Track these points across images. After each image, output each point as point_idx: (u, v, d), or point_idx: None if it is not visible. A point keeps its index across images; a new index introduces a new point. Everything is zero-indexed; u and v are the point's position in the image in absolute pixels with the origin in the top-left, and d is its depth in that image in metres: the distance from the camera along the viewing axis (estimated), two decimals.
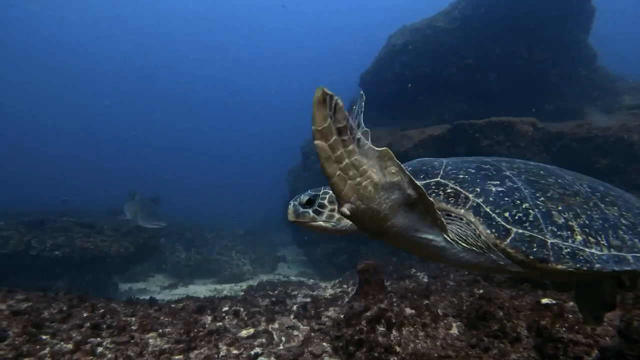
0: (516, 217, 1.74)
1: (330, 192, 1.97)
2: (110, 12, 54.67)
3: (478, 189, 1.85)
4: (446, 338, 3.91)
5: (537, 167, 2.06)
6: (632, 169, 7.27)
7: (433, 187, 1.91)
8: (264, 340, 4.50)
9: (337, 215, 1.98)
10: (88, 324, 4.04)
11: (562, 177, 1.99)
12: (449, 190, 1.87)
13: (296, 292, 7.75)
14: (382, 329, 3.96)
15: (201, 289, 10.72)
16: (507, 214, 1.75)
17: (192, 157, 59.58)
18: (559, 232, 1.71)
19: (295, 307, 5.94)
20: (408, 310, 4.48)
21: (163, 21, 59.20)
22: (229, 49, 65.67)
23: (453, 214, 1.83)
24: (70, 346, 3.57)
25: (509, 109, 9.51)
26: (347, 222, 1.97)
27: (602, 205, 1.82)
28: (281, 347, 4.40)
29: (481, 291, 5.19)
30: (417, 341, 3.90)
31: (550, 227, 1.72)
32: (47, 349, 3.49)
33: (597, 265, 1.62)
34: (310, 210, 2.00)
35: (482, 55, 10.91)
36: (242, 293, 8.63)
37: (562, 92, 10.85)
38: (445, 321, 4.23)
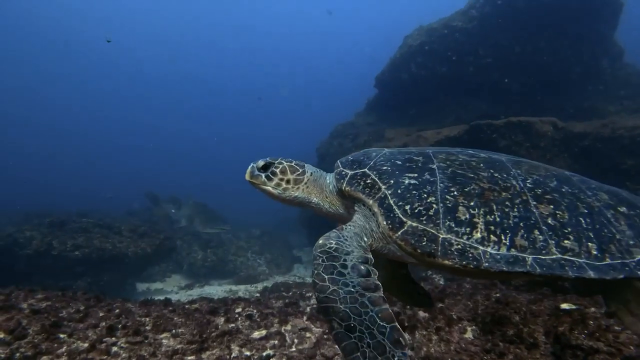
0: (416, 211, 1.75)
1: (285, 163, 2.17)
2: (127, 18, 56.09)
3: (392, 181, 1.88)
4: (460, 342, 3.83)
5: (480, 160, 2.02)
6: None
7: (359, 177, 1.99)
8: (276, 341, 4.49)
9: (284, 185, 2.15)
10: (104, 324, 4.12)
11: (505, 170, 1.95)
12: (368, 181, 1.93)
13: (310, 294, 7.73)
14: None
15: (217, 290, 10.81)
16: (407, 207, 1.77)
17: (207, 158, 60.32)
18: (456, 228, 1.70)
19: (308, 309, 5.91)
20: (421, 314, 4.41)
21: (180, 28, 60.37)
22: (244, 53, 66.49)
23: (365, 204, 1.91)
24: (86, 345, 3.64)
25: (529, 109, 9.31)
26: (291, 194, 2.16)
27: (533, 203, 1.78)
28: (293, 349, 4.38)
29: (498, 295, 5.07)
30: (431, 345, 3.83)
31: (448, 223, 1.72)
32: (65, 347, 3.56)
33: (485, 264, 1.63)
34: (263, 175, 2.17)
35: (501, 54, 10.68)
36: (257, 294, 8.67)
37: (585, 91, 10.51)
38: (460, 325, 4.15)
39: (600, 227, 1.73)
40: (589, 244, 1.68)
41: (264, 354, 4.10)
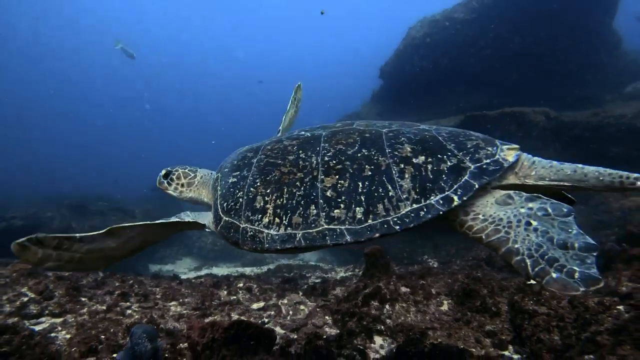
0: (229, 207, 1.96)
1: (180, 170, 2.55)
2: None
3: (223, 182, 2.12)
4: (435, 313, 4.24)
5: (298, 142, 2.08)
6: None
7: (215, 180, 2.24)
8: (272, 312, 4.94)
9: (180, 188, 2.53)
10: (119, 291, 4.63)
11: (313, 148, 2.00)
12: (216, 184, 2.19)
13: (310, 274, 8.20)
14: (376, 303, 4.33)
15: (223, 271, 11.36)
16: (225, 204, 1.98)
17: (214, 144, 61.22)
18: (251, 217, 1.88)
19: (305, 286, 6.38)
20: (403, 289, 4.81)
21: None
22: (248, 41, 66.62)
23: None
24: (104, 307, 4.16)
25: (529, 99, 9.48)
26: (187, 195, 2.52)
27: (321, 177, 1.84)
28: (288, 319, 4.83)
29: (479, 274, 5.45)
30: (408, 315, 4.25)
31: (247, 213, 1.90)
32: (85, 308, 4.08)
33: (266, 246, 1.81)
34: (165, 182, 2.55)
35: (501, 45, 10.83)
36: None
37: (583, 80, 10.65)
38: (438, 299, 4.55)
39: (376, 187, 1.79)
40: (357, 208, 1.77)
41: (260, 321, 4.56)
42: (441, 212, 1.68)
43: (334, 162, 1.88)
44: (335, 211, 1.76)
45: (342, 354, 3.04)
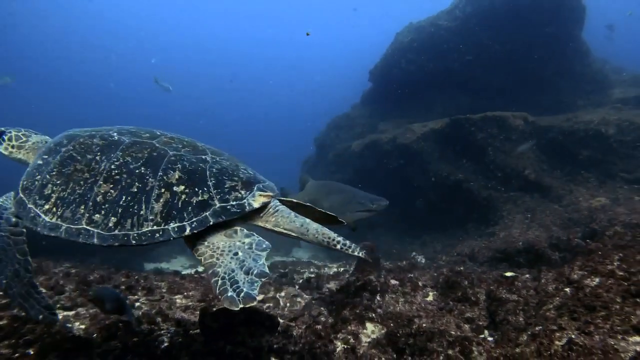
0: (26, 185, 2.20)
1: (13, 132, 2.69)
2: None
3: (33, 161, 2.33)
4: (422, 303, 4.63)
5: (104, 143, 2.26)
6: (608, 160, 7.70)
7: (36, 156, 2.43)
8: (271, 304, 5.29)
9: (9, 149, 2.66)
10: (125, 286, 4.92)
11: (109, 153, 2.18)
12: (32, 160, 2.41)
13: (304, 270, 8.56)
14: (367, 294, 4.72)
15: None
16: (25, 182, 2.23)
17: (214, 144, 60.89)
18: (37, 201, 2.10)
19: (300, 280, 6.74)
20: (392, 282, 5.21)
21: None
22: (239, 43, 66.61)
23: None
24: None
25: (510, 104, 9.99)
26: (16, 156, 2.66)
27: (100, 182, 2.05)
28: (285, 310, 5.19)
29: (461, 268, 5.88)
30: (397, 305, 4.63)
31: (35, 196, 2.12)
32: None
33: (38, 229, 2.05)
34: None
35: (482, 51, 11.38)
36: None
37: (558, 86, 11.26)
38: (424, 291, 4.95)
39: (134, 204, 2.02)
40: (112, 218, 1.99)
41: None
42: (172, 238, 2.00)
43: (116, 172, 2.10)
44: (96, 215, 2.00)
45: (337, 337, 3.42)
